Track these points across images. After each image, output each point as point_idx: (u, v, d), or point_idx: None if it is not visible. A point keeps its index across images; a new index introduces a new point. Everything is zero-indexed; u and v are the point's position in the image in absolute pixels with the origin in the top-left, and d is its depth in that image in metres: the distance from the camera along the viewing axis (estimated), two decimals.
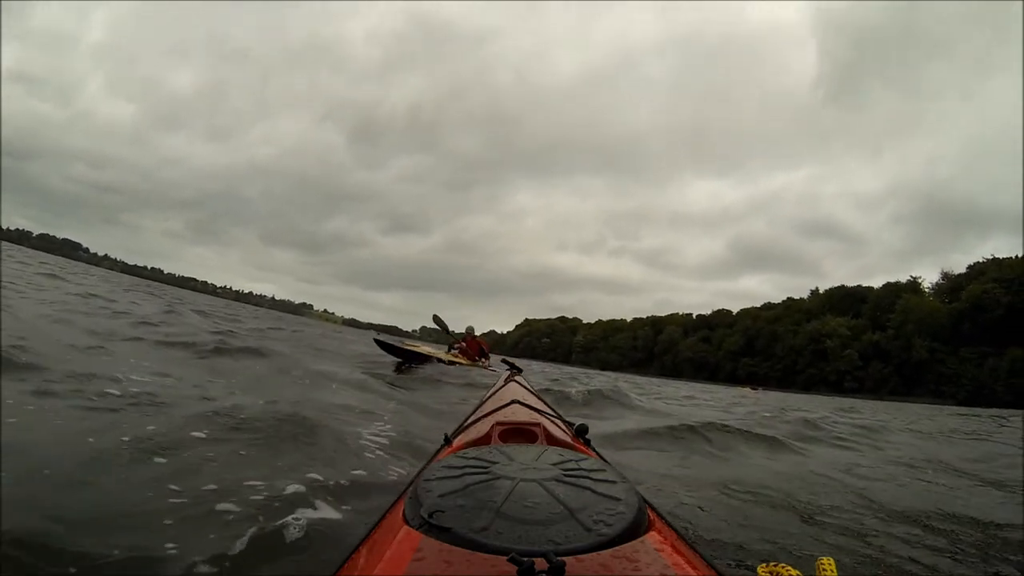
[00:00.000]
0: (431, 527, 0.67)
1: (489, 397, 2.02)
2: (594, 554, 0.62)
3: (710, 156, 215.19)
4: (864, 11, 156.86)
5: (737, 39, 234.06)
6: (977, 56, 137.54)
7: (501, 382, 2.52)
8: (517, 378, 2.57)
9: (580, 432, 1.37)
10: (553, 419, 1.46)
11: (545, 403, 1.77)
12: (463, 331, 10.12)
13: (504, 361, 4.31)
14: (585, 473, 0.85)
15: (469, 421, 1.52)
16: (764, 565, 0.71)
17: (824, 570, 0.71)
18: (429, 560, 0.62)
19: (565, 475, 0.83)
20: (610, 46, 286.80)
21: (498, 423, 1.30)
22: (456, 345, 9.62)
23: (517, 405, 1.53)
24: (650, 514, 0.78)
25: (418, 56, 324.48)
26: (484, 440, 1.23)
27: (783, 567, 0.69)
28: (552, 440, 1.20)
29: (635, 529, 0.69)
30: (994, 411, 24.67)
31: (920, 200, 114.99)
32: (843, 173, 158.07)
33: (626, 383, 13.66)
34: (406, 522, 0.73)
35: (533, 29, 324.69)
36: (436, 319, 9.87)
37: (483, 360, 9.72)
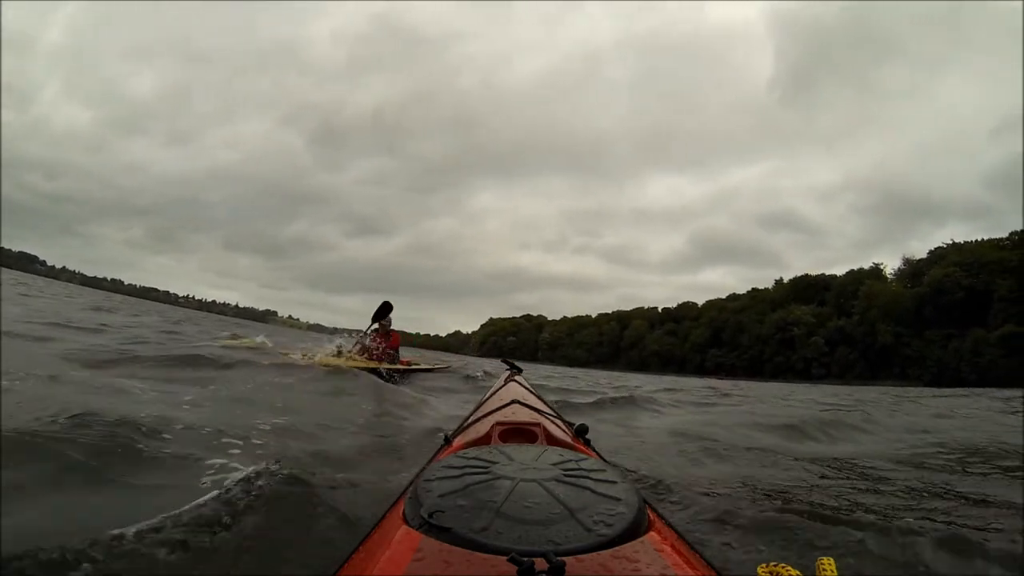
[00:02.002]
0: (431, 527, 0.67)
1: (489, 397, 1.97)
2: (594, 554, 0.62)
3: (670, 154, 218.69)
4: (818, 13, 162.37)
5: (696, 41, 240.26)
6: (928, 57, 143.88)
7: (501, 382, 2.41)
8: (517, 378, 2.39)
9: (580, 432, 1.36)
10: (553, 419, 1.45)
11: (545, 403, 1.74)
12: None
13: (504, 361, 3.66)
14: (585, 473, 0.84)
15: (469, 421, 1.50)
16: (764, 565, 0.69)
17: (824, 570, 0.69)
18: (429, 560, 0.61)
19: (565, 475, 0.83)
20: (573, 50, 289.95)
21: (498, 423, 1.29)
22: (365, 336, 6.87)
23: (517, 405, 1.50)
24: (650, 514, 0.78)
25: (383, 59, 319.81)
26: (484, 440, 1.22)
27: (783, 567, 0.68)
28: (552, 440, 1.19)
29: (635, 529, 0.69)
30: (980, 390, 24.25)
31: (876, 192, 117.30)
32: (800, 168, 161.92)
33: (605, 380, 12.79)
34: (406, 522, 0.72)
35: (498, 34, 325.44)
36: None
37: (400, 364, 7.11)
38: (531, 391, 2.14)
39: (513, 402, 1.54)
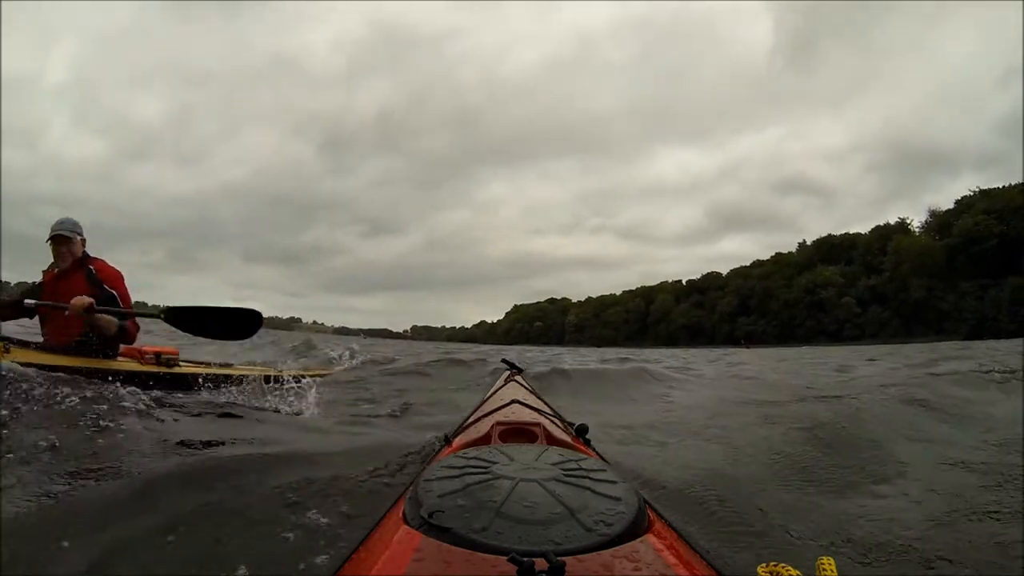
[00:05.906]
0: (431, 527, 0.66)
1: (489, 397, 1.96)
2: (594, 554, 0.62)
3: (677, 129, 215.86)
4: None
5: (690, 16, 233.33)
6: (925, 11, 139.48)
7: (501, 382, 2.39)
8: (517, 378, 2.40)
9: (580, 432, 1.37)
10: (553, 419, 1.46)
11: (545, 403, 1.75)
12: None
13: (504, 361, 3.59)
14: (585, 473, 0.83)
15: (469, 421, 1.50)
16: (764, 565, 0.68)
17: (824, 570, 0.69)
18: (429, 560, 0.61)
19: (565, 475, 0.82)
20: (568, 35, 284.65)
21: (498, 423, 1.28)
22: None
23: (517, 405, 1.50)
24: (650, 514, 0.77)
25: (382, 61, 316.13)
26: (484, 440, 1.21)
27: (783, 567, 0.67)
28: (552, 440, 1.18)
29: (635, 529, 0.68)
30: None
31: (887, 149, 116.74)
32: (808, 131, 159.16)
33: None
34: (406, 522, 0.72)
35: (493, 27, 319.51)
36: None
37: (141, 355, 3.32)
38: (531, 391, 2.18)
39: (513, 402, 1.55)
